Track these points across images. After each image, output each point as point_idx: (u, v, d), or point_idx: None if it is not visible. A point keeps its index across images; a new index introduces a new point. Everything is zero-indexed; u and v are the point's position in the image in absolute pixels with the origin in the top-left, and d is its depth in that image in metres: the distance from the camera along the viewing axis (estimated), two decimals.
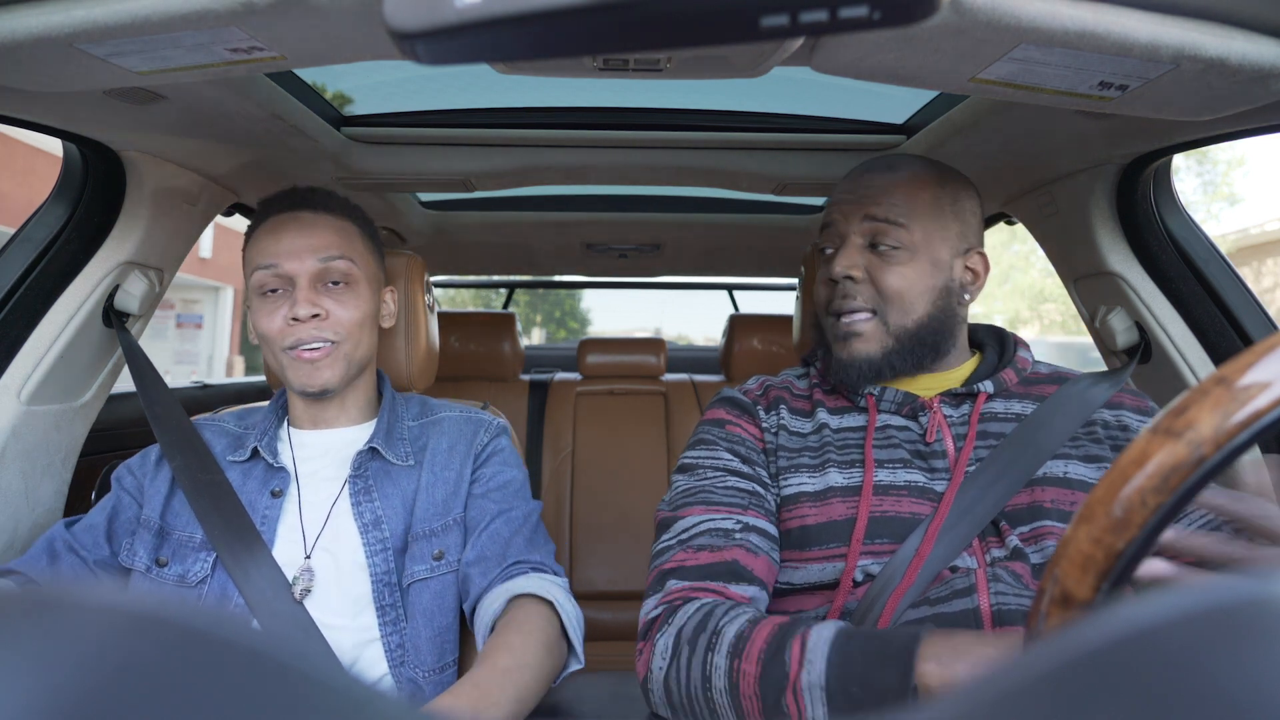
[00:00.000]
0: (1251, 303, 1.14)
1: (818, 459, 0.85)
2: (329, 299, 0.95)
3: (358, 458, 0.97)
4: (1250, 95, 0.77)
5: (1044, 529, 0.78)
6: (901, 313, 0.86)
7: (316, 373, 0.94)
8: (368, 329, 0.99)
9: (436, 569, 0.94)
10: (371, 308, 1.00)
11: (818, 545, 0.81)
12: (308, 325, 0.93)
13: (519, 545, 0.96)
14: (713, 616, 0.71)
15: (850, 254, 0.87)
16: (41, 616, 0.13)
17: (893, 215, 0.86)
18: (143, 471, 0.98)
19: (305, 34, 0.71)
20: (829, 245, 0.91)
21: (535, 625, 0.85)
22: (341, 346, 0.95)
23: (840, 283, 0.87)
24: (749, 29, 0.24)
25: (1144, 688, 0.13)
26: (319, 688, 0.14)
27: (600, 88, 1.42)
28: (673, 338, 12.21)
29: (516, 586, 0.90)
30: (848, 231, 0.88)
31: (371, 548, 0.93)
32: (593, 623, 2.03)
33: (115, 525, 0.96)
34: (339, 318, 0.95)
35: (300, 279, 0.94)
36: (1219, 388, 0.36)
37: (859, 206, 0.88)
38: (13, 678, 0.12)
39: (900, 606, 0.75)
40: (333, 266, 0.95)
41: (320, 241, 0.95)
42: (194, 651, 0.13)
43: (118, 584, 0.51)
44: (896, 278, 0.85)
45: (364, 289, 0.98)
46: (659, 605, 0.77)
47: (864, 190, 0.88)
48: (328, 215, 0.99)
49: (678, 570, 0.79)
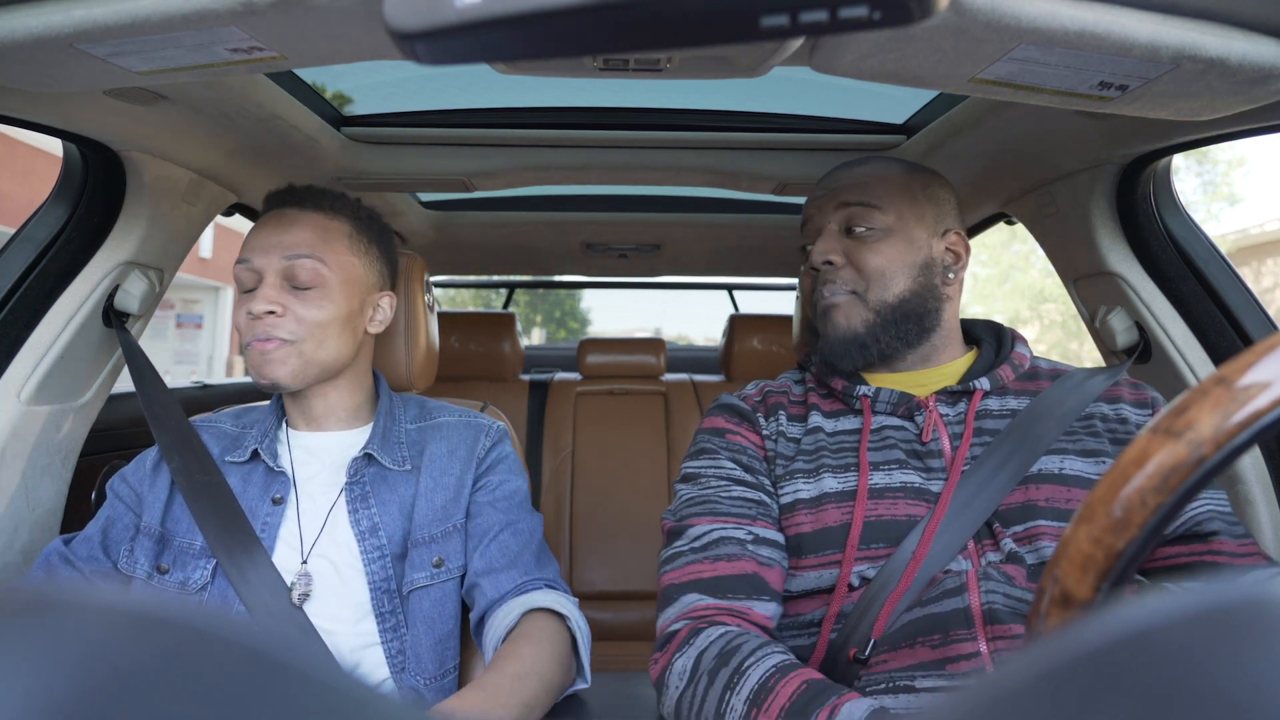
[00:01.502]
0: (1251, 303, 1.14)
1: (812, 463, 0.85)
2: (291, 296, 0.93)
3: (353, 464, 0.96)
4: (1250, 95, 0.77)
5: (1037, 529, 0.77)
6: (882, 288, 0.87)
7: (267, 365, 0.91)
8: (334, 331, 0.95)
9: (437, 576, 0.94)
10: (341, 310, 0.95)
11: (813, 553, 0.80)
12: (264, 321, 0.91)
13: (528, 560, 0.95)
14: (738, 652, 0.70)
15: (828, 240, 0.89)
16: (40, 617, 0.13)
17: (866, 198, 0.88)
18: (139, 479, 0.97)
19: (305, 34, 0.71)
20: (808, 240, 0.93)
21: (547, 638, 0.85)
22: (297, 345, 0.92)
23: (820, 270, 0.89)
24: (749, 29, 0.24)
25: (1144, 688, 0.13)
26: (319, 688, 0.14)
27: (600, 88, 1.42)
28: (673, 338, 12.22)
29: (532, 601, 0.90)
30: (823, 222, 0.91)
31: (369, 555, 0.93)
32: (593, 623, 2.02)
33: (110, 535, 0.95)
34: (299, 315, 0.92)
35: (266, 275, 0.93)
36: (1219, 388, 0.36)
37: (832, 197, 0.91)
38: (12, 678, 0.12)
39: (895, 611, 0.75)
40: (298, 265, 0.93)
41: (291, 239, 0.94)
42: (192, 651, 0.13)
43: (115, 585, 0.51)
44: (875, 256, 0.87)
45: (336, 291, 0.95)
46: (680, 620, 0.77)
47: (835, 183, 0.92)
48: (314, 213, 0.97)
49: (697, 583, 0.78)
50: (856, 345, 0.87)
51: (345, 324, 0.97)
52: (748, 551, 0.79)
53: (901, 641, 0.75)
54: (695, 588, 0.78)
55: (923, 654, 0.74)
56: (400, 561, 0.94)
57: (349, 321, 0.97)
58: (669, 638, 0.76)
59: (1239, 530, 0.79)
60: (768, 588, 0.78)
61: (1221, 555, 0.76)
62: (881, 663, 0.75)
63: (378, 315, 1.03)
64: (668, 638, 0.77)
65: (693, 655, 0.72)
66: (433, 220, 1.99)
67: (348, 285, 0.97)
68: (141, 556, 0.92)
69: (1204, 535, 0.78)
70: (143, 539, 0.93)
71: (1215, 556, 0.76)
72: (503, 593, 0.91)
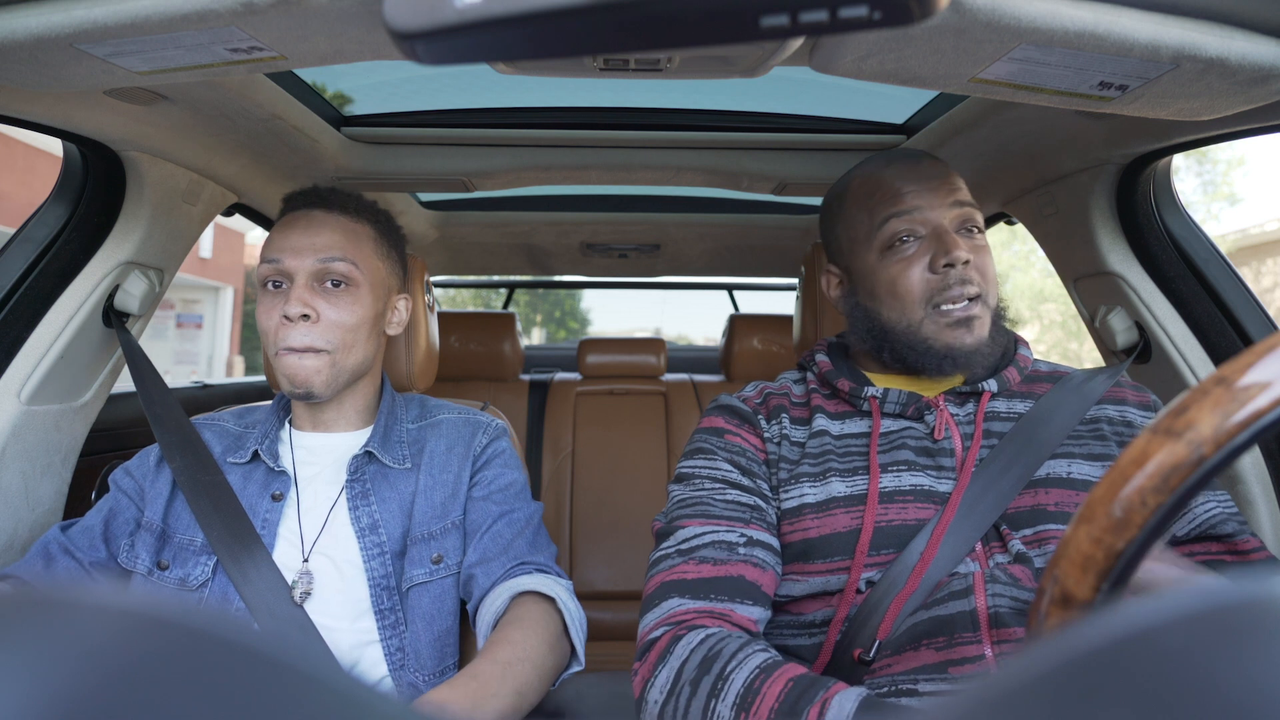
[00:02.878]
0: (1251, 303, 1.14)
1: (819, 467, 0.83)
2: (323, 300, 0.94)
3: (353, 461, 0.97)
4: (1250, 95, 0.77)
5: (1047, 533, 0.76)
6: (994, 296, 0.86)
7: (305, 376, 0.93)
8: (363, 335, 0.97)
9: (435, 573, 0.94)
10: (370, 313, 0.97)
11: (821, 559, 0.79)
12: (299, 327, 0.92)
13: (521, 547, 0.96)
14: (719, 657, 0.67)
15: (960, 239, 0.83)
16: (40, 617, 0.13)
17: (973, 200, 0.86)
18: (142, 474, 0.98)
19: (305, 34, 0.71)
20: (909, 233, 0.84)
21: (537, 621, 0.85)
22: (332, 356, 0.94)
23: (957, 268, 0.82)
24: (749, 29, 0.25)
25: (1144, 688, 0.13)
26: (318, 687, 0.14)
27: (601, 87, 1.42)
28: (673, 338, 12.22)
29: (520, 584, 0.90)
30: (938, 219, 0.84)
31: (369, 552, 0.93)
32: (592, 623, 2.03)
33: (112, 527, 0.95)
34: (330, 320, 0.93)
35: (298, 276, 0.93)
36: (1219, 388, 0.36)
37: (946, 190, 0.84)
38: (11, 678, 0.12)
39: (901, 614, 0.74)
40: (331, 267, 0.94)
41: (324, 241, 0.95)
42: (191, 651, 0.13)
43: (115, 584, 0.51)
44: (990, 262, 0.86)
45: (364, 293, 0.96)
46: (660, 626, 0.75)
47: (937, 178, 0.85)
48: (341, 216, 0.98)
49: (679, 584, 0.76)
50: (979, 357, 0.83)
51: (373, 327, 0.99)
52: (738, 555, 0.78)
53: (906, 644, 0.74)
54: (676, 590, 0.76)
55: (927, 657, 0.73)
56: (400, 559, 0.94)
57: (375, 325, 1.00)
58: (649, 646, 0.74)
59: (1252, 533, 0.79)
60: (756, 592, 0.76)
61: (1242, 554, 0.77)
62: (885, 666, 0.74)
63: (395, 317, 1.05)
64: (647, 646, 0.74)
65: (674, 667, 0.70)
66: (433, 220, 1.99)
67: (375, 288, 0.99)
68: (142, 551, 0.92)
69: (1220, 537, 0.78)
70: (144, 534, 0.93)
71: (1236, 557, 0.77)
72: (494, 579, 0.92)
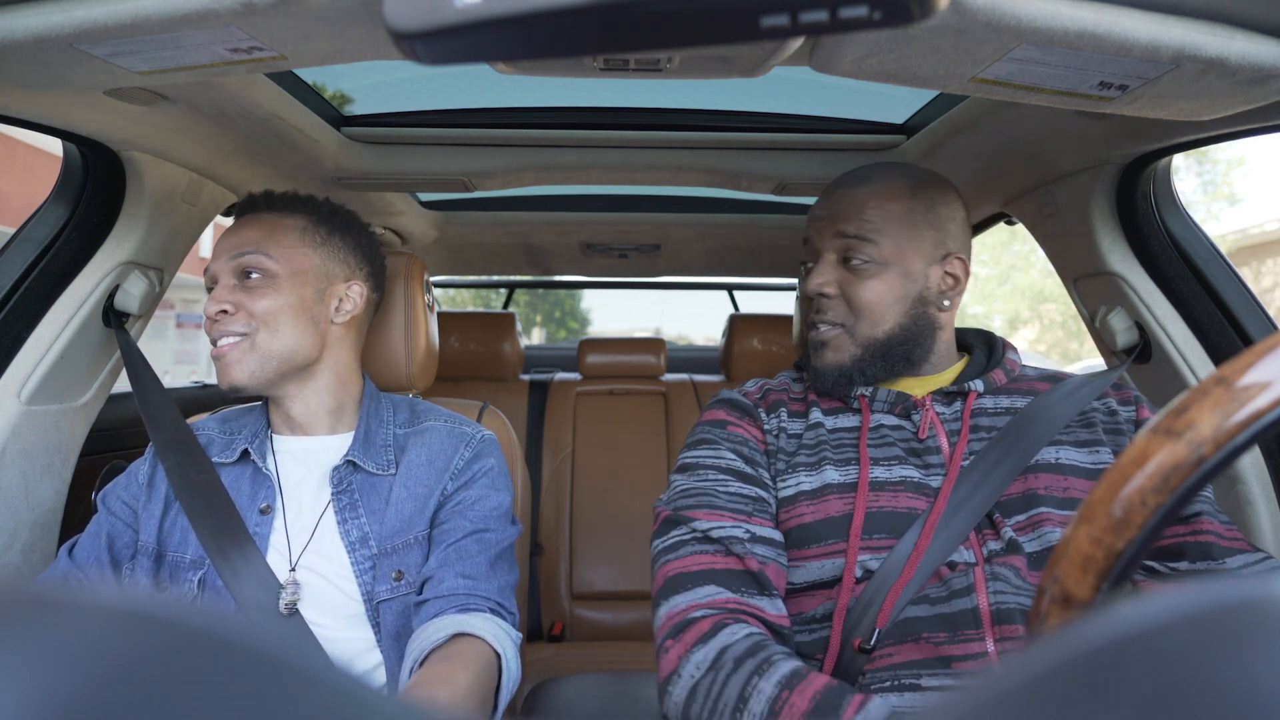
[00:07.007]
0: (1251, 303, 1.14)
1: (814, 456, 0.86)
2: (242, 294, 0.94)
3: (336, 473, 0.95)
4: (1250, 95, 0.77)
5: (1041, 516, 0.78)
6: (871, 324, 0.88)
7: (226, 369, 0.93)
8: (288, 320, 0.95)
9: (397, 589, 0.91)
10: (292, 300, 0.95)
11: (817, 542, 0.81)
12: (219, 322, 0.93)
13: (480, 565, 0.91)
14: (766, 648, 0.70)
15: (824, 271, 0.90)
16: (39, 616, 0.13)
17: (863, 231, 0.87)
18: (132, 494, 0.97)
19: (305, 34, 0.71)
20: (808, 260, 0.94)
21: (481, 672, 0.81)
22: (250, 337, 0.93)
23: (814, 299, 0.91)
24: (749, 29, 0.25)
25: (1144, 688, 0.13)
26: (318, 687, 0.14)
27: (600, 88, 1.42)
28: (673, 338, 12.20)
29: (470, 624, 0.84)
30: (821, 248, 0.91)
31: (360, 565, 0.92)
32: (592, 623, 2.03)
33: (114, 551, 0.96)
34: (249, 308, 0.93)
35: (221, 277, 0.96)
36: (1219, 388, 0.36)
37: (831, 223, 0.90)
38: (10, 678, 0.12)
39: (899, 602, 0.75)
40: (244, 261, 0.95)
41: (240, 239, 0.96)
42: (191, 651, 0.13)
43: (114, 584, 0.51)
44: (867, 291, 0.87)
45: (281, 281, 0.95)
46: (702, 609, 0.74)
47: (836, 206, 0.91)
48: (267, 214, 1.00)
49: (711, 574, 0.77)
50: (844, 378, 0.89)
51: (299, 313, 0.96)
52: (747, 549, 0.79)
53: (908, 638, 0.75)
54: (711, 579, 0.76)
55: (929, 651, 0.75)
56: None
57: (303, 310, 0.97)
58: (686, 624, 0.73)
59: (1223, 516, 0.80)
60: (772, 585, 0.78)
61: (1207, 535, 0.77)
62: (886, 656, 0.76)
63: (345, 305, 1.02)
64: (685, 624, 0.73)
65: (715, 648, 0.70)
66: (433, 220, 1.98)
67: (297, 276, 0.97)
68: (142, 575, 0.93)
69: (1187, 517, 0.79)
70: (142, 558, 0.93)
71: (1200, 536, 0.77)
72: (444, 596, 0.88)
